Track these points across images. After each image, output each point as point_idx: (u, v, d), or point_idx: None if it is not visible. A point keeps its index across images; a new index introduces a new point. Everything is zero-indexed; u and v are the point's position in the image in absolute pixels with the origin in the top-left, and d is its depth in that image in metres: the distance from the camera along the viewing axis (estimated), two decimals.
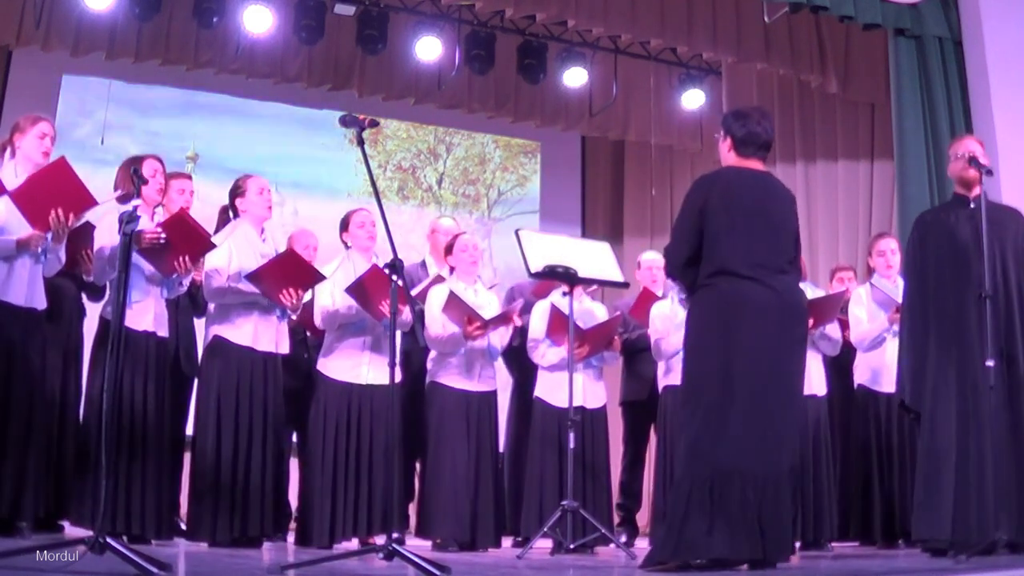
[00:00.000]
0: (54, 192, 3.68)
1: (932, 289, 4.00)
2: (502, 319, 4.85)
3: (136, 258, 4.03)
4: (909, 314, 4.07)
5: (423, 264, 5.45)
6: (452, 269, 5.03)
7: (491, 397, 4.98)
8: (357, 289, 4.49)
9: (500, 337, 4.99)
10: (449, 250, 5.05)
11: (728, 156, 3.49)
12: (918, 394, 3.94)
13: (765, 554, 3.08)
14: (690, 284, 3.41)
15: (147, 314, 4.15)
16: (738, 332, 3.20)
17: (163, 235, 4.00)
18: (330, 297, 4.60)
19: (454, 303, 4.74)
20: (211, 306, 4.51)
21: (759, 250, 3.27)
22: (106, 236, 4.06)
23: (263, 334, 4.40)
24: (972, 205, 4.04)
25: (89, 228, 4.10)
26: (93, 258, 4.12)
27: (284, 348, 4.49)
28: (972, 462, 3.74)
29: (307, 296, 4.79)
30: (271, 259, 4.35)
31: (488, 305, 4.92)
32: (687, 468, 3.17)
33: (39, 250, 3.81)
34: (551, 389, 5.05)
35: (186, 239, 4.09)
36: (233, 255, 4.36)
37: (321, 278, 4.48)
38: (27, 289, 3.81)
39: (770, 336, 3.21)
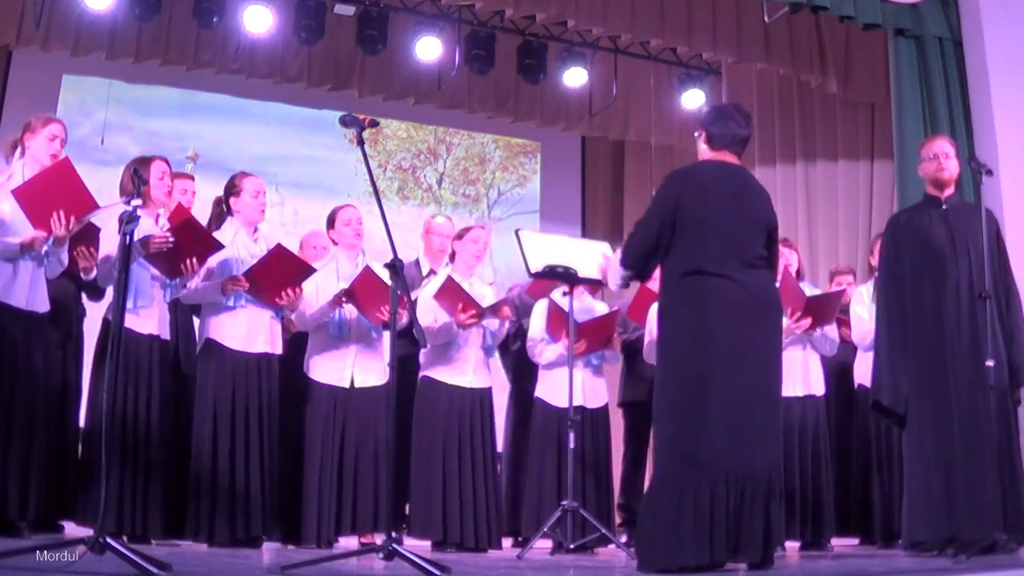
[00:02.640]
0: (57, 193, 3.69)
1: (908, 290, 4.01)
2: (495, 309, 4.82)
3: (143, 262, 4.03)
4: (885, 316, 4.07)
5: (416, 263, 5.43)
6: (453, 255, 5.01)
7: (486, 394, 4.94)
8: (350, 296, 4.49)
9: (496, 329, 4.96)
10: (459, 237, 5.02)
11: (703, 151, 3.48)
12: (897, 395, 3.94)
13: (738, 557, 3.05)
14: (641, 276, 3.38)
15: (152, 318, 4.15)
16: (710, 330, 3.17)
17: (172, 239, 4.00)
18: (311, 299, 4.59)
19: (450, 289, 4.72)
20: (203, 306, 4.50)
21: (730, 245, 3.24)
22: (109, 243, 4.07)
23: (255, 335, 4.39)
24: (944, 206, 4.06)
25: (91, 228, 4.10)
26: (99, 262, 4.12)
27: (278, 349, 4.48)
28: (956, 462, 3.75)
29: None
30: (260, 259, 4.32)
31: (484, 300, 4.90)
32: (671, 472, 3.12)
33: (42, 252, 3.81)
34: (551, 389, 5.05)
35: (194, 242, 4.09)
36: (213, 259, 4.35)
37: (312, 271, 4.47)
38: (29, 292, 3.81)
39: (742, 332, 3.18)
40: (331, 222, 4.83)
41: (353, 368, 4.63)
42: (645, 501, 3.27)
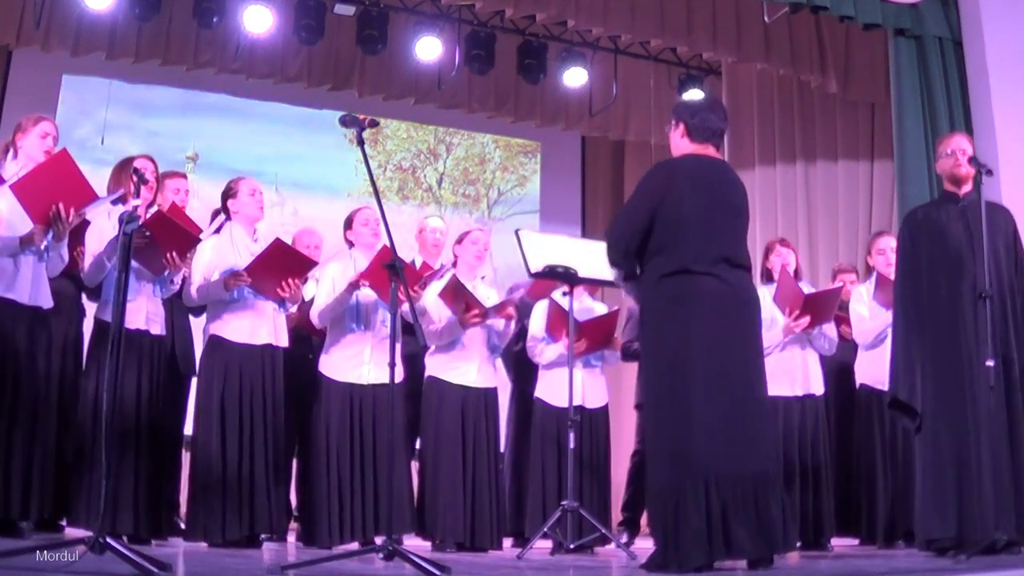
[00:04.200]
0: (55, 185, 3.66)
1: (924, 287, 3.99)
2: (499, 309, 4.82)
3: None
4: (902, 312, 4.06)
5: (413, 263, 5.44)
6: (456, 259, 5.03)
7: (491, 393, 4.95)
8: (368, 278, 4.50)
9: (501, 329, 4.97)
10: (459, 242, 5.05)
11: (681, 143, 3.40)
12: (912, 391, 3.94)
13: (758, 552, 3.04)
14: (631, 270, 3.34)
15: (139, 312, 4.15)
16: (697, 330, 3.13)
17: (147, 233, 3.99)
18: (326, 297, 4.60)
19: (454, 288, 4.72)
20: (208, 307, 4.50)
21: (716, 243, 3.21)
22: (95, 241, 4.06)
23: (260, 328, 4.40)
24: (962, 203, 4.05)
25: (87, 226, 4.10)
26: (87, 259, 4.12)
27: (283, 341, 4.49)
28: (971, 462, 3.74)
29: (309, 292, 4.79)
30: (260, 254, 4.34)
31: (488, 301, 4.91)
32: (663, 474, 3.11)
33: (42, 247, 3.80)
34: (551, 389, 5.05)
35: (172, 236, 4.09)
36: (215, 263, 4.36)
37: (312, 264, 4.48)
38: (31, 288, 3.80)
39: (727, 331, 3.15)
40: (349, 223, 4.84)
41: (370, 363, 4.62)
42: (651, 505, 3.26)
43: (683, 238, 3.20)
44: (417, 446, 4.98)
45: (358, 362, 4.62)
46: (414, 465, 5.06)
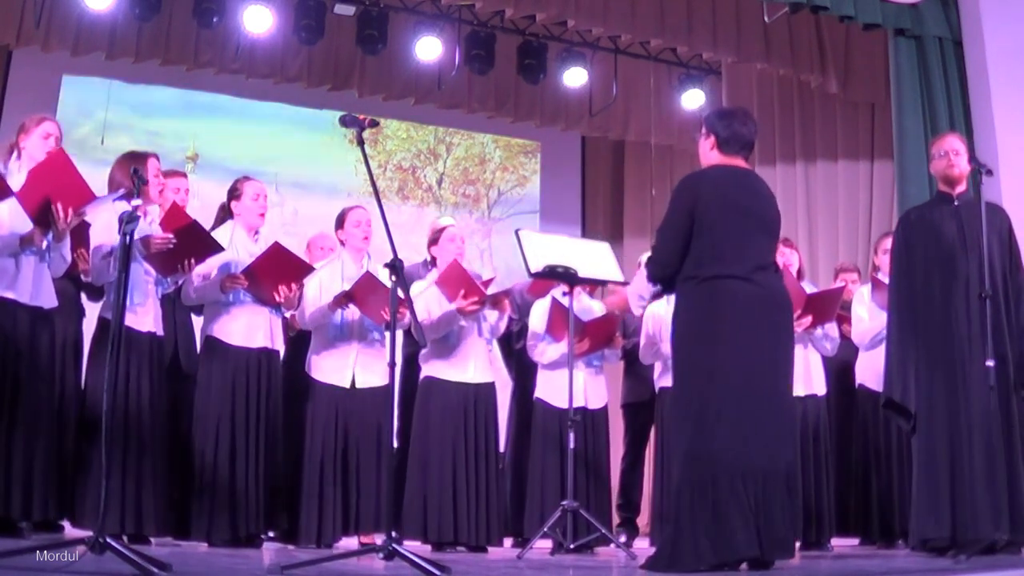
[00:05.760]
0: (53, 186, 3.66)
1: (919, 287, 4.00)
2: (495, 300, 4.79)
3: (137, 258, 4.03)
4: (896, 313, 4.07)
5: (425, 263, 5.44)
6: (434, 260, 5.01)
7: (489, 388, 4.93)
8: (351, 298, 4.50)
9: (493, 322, 4.95)
10: (435, 242, 5.03)
11: (710, 155, 3.45)
12: (907, 392, 3.94)
13: (763, 553, 3.06)
14: (671, 288, 3.39)
15: (148, 315, 4.15)
16: (725, 329, 3.18)
17: (173, 240, 4.00)
18: (314, 299, 4.60)
19: (454, 273, 4.70)
20: (205, 306, 4.50)
21: (748, 252, 3.26)
22: (102, 234, 4.05)
23: (256, 331, 4.41)
24: (956, 203, 4.05)
25: (87, 228, 4.09)
26: (91, 257, 4.11)
27: (278, 344, 4.50)
28: (964, 462, 3.74)
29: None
30: (259, 257, 4.34)
31: None
32: (686, 471, 3.14)
33: (43, 247, 3.80)
34: (551, 390, 5.04)
35: (195, 243, 4.10)
36: (214, 261, 4.35)
37: (310, 270, 4.48)
38: (32, 287, 3.80)
39: (757, 331, 3.19)
40: (340, 223, 4.83)
41: (354, 368, 4.62)
42: (669, 503, 3.28)
43: (712, 247, 3.25)
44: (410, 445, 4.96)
45: (343, 365, 4.62)
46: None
